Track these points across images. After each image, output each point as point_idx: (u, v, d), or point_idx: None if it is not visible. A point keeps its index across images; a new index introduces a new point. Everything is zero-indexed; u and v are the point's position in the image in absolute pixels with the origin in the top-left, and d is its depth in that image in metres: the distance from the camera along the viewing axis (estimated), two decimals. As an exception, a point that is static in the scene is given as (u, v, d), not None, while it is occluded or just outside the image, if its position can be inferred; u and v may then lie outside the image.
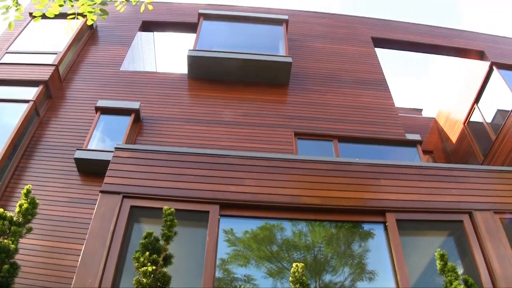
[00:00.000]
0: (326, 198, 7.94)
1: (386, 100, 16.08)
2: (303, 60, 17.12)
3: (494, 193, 9.11)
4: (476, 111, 20.15)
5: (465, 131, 20.75)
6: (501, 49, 20.46)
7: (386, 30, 20.29)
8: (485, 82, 19.59)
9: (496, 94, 19.13)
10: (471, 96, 20.37)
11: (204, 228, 7.31)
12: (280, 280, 7.45)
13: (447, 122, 22.63)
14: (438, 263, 6.23)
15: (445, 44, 20.23)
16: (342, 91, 15.98)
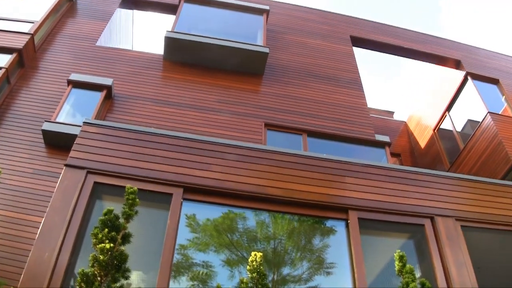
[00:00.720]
0: (291, 191, 7.91)
1: (359, 99, 16.15)
2: (281, 52, 17.10)
3: (457, 200, 9.18)
4: (447, 119, 20.35)
5: (434, 138, 20.95)
6: (477, 60, 20.67)
7: (366, 30, 20.36)
8: (458, 91, 19.78)
9: (469, 104, 19.33)
10: (444, 103, 20.55)
11: (166, 211, 7.21)
12: (238, 269, 7.40)
13: (417, 126, 22.82)
14: (396, 264, 6.25)
15: (423, 50, 20.37)
16: (316, 87, 16.00)
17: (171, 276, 6.61)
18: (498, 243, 9.91)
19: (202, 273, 7.23)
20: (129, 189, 5.85)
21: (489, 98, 19.05)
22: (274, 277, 7.68)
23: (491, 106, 18.35)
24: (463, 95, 19.75)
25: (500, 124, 17.44)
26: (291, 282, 7.68)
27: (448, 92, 20.51)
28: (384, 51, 20.36)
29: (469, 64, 20.22)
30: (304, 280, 7.85)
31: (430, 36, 21.37)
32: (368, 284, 7.44)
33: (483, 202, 9.43)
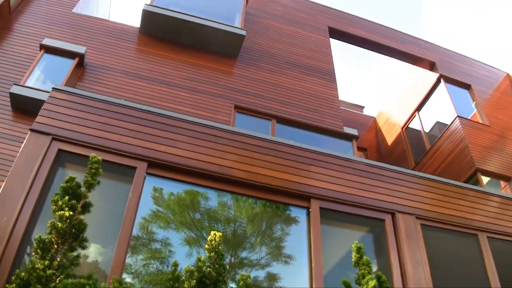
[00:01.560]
0: (255, 174, 7.89)
1: (330, 91, 16.20)
2: (257, 36, 17.04)
3: (419, 199, 9.27)
4: (416, 119, 20.53)
5: (402, 136, 21.13)
6: (452, 64, 20.86)
7: (344, 22, 20.39)
8: (430, 92, 19.95)
9: (439, 106, 19.49)
10: (414, 103, 20.72)
11: (128, 184, 7.14)
12: (197, 249, 7.37)
13: (386, 123, 22.99)
14: (353, 255, 6.27)
15: (400, 48, 20.48)
16: (289, 74, 16.00)
17: (128, 251, 6.55)
18: (455, 245, 10.03)
19: (160, 250, 7.19)
20: (93, 158, 5.77)
21: (460, 103, 19.28)
22: (232, 260, 7.68)
23: (461, 110, 18.56)
24: (434, 97, 19.92)
25: (468, 129, 17.66)
26: (248, 266, 7.68)
27: (420, 92, 20.67)
28: (361, 45, 20.41)
29: (443, 67, 20.39)
30: (262, 265, 7.85)
31: (408, 36, 21.49)
32: (324, 274, 7.48)
33: (444, 203, 9.53)
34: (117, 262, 6.28)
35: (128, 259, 6.55)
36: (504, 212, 10.37)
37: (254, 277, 7.61)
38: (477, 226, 9.63)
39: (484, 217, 9.89)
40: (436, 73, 19.93)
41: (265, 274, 7.82)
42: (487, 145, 17.71)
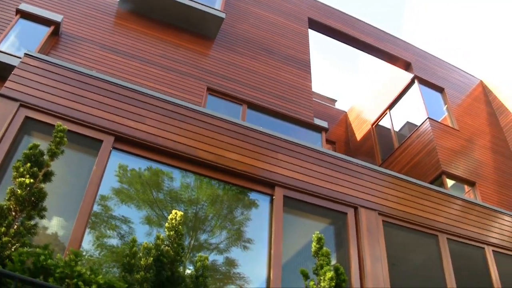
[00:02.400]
0: (222, 157, 7.84)
1: (304, 81, 16.20)
2: (236, 20, 16.94)
3: (383, 195, 9.32)
4: (387, 117, 20.65)
5: (371, 132, 21.25)
6: (427, 66, 20.99)
7: (325, 15, 20.36)
8: (403, 92, 20.08)
9: (411, 106, 19.61)
10: (386, 101, 20.83)
11: (94, 157, 7.05)
12: (157, 229, 7.31)
13: (357, 119, 23.11)
14: (313, 245, 6.27)
15: (378, 46, 20.52)
16: (265, 61, 15.95)
17: (88, 225, 6.48)
18: (415, 244, 10.12)
19: (120, 226, 7.13)
20: (59, 126, 5.67)
21: (432, 105, 19.43)
22: (191, 242, 7.64)
23: (432, 112, 18.70)
24: (407, 97, 20.05)
25: (437, 131, 17.80)
26: (207, 249, 7.65)
27: (393, 91, 20.79)
28: (339, 39, 20.40)
29: (419, 68, 20.51)
30: (221, 249, 7.83)
31: (387, 34, 21.56)
32: (283, 262, 7.49)
33: (408, 201, 9.61)
34: (75, 235, 6.19)
35: (86, 234, 6.47)
36: (465, 215, 10.50)
37: (212, 260, 7.59)
38: (438, 227, 9.72)
39: (445, 219, 9.99)
40: (411, 74, 20.04)
41: (223, 259, 7.80)
42: (455, 149, 17.88)
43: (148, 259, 5.20)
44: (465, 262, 10.32)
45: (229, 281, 7.74)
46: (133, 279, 4.99)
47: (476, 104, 21.55)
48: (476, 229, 10.52)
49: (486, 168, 18.61)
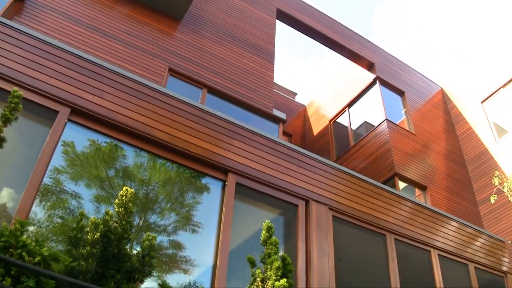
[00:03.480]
0: (177, 139, 7.77)
1: (267, 71, 16.19)
2: (205, 3, 16.79)
3: (335, 191, 9.38)
4: (345, 115, 20.81)
5: (329, 128, 21.40)
6: (390, 68, 21.19)
7: (294, 7, 20.35)
8: (364, 91, 20.24)
9: (370, 106, 19.78)
10: (346, 99, 20.97)
11: (48, 128, 6.90)
12: (107, 206, 7.22)
13: (315, 113, 23.23)
14: (263, 234, 6.26)
15: (343, 43, 20.61)
16: (229, 47, 15.87)
17: (37, 197, 6.35)
18: (363, 241, 10.22)
19: (69, 201, 7.01)
20: (15, 92, 5.55)
21: (391, 107, 19.64)
22: (140, 222, 7.57)
23: (390, 114, 18.89)
24: (367, 97, 20.22)
25: (394, 133, 17.99)
26: (155, 231, 7.59)
27: (354, 89, 20.93)
28: (306, 33, 20.41)
29: (381, 69, 20.69)
30: (169, 232, 7.78)
31: (353, 33, 21.68)
32: (230, 249, 7.48)
33: (359, 199, 9.70)
34: (23, 206, 6.05)
35: (34, 206, 6.35)
36: (414, 217, 10.65)
37: (159, 242, 7.55)
38: (387, 227, 9.84)
39: (394, 219, 10.12)
40: (374, 74, 20.20)
41: (171, 241, 7.76)
42: (410, 152, 18.10)
43: (95, 234, 5.13)
44: (411, 264, 10.46)
45: (175, 264, 7.70)
46: (78, 254, 4.91)
47: (434, 110, 21.85)
48: (424, 232, 10.68)
49: (438, 174, 18.90)
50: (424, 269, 10.73)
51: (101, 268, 5.06)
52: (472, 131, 21.18)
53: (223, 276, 7.13)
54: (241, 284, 6.26)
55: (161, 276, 6.97)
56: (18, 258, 4.31)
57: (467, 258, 11.54)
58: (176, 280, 7.51)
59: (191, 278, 7.52)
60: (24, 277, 4.17)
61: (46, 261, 4.47)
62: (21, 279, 4.15)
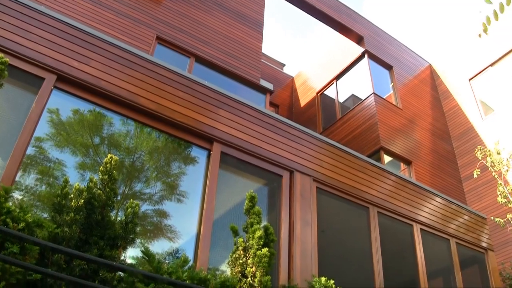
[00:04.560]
0: (163, 107, 7.76)
1: (255, 41, 16.13)
2: (195, -30, 16.67)
3: (320, 162, 9.43)
4: (333, 87, 20.81)
5: (316, 100, 21.40)
6: (379, 42, 21.13)
7: (284, -22, 20.16)
8: (352, 64, 20.23)
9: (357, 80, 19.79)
10: (334, 71, 20.94)
11: (33, 95, 6.85)
12: (92, 174, 7.21)
13: (303, 85, 23.22)
14: (246, 203, 6.31)
15: (333, 16, 20.47)
16: (218, 16, 15.76)
17: (21, 165, 6.34)
18: (346, 213, 10.30)
19: (54, 169, 7.01)
20: (1, 58, 5.52)
21: (378, 81, 19.64)
22: (125, 190, 7.59)
23: (377, 88, 18.90)
24: (355, 70, 20.20)
25: (380, 107, 18.03)
26: (141, 199, 7.61)
27: (342, 62, 20.89)
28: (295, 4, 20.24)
29: (370, 43, 20.63)
30: (154, 200, 7.81)
31: (343, 6, 21.53)
32: (215, 219, 7.53)
33: (344, 171, 9.75)
34: (8, 173, 6.04)
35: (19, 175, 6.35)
36: (397, 191, 10.73)
37: (144, 211, 7.59)
38: (370, 200, 9.92)
39: (378, 192, 10.19)
40: (362, 48, 20.15)
41: (156, 209, 7.79)
42: (396, 126, 18.16)
43: (79, 201, 5.15)
44: (393, 237, 10.57)
45: (159, 233, 7.73)
46: (62, 220, 4.94)
47: (422, 86, 21.88)
48: (407, 206, 10.77)
49: (423, 149, 19.00)
50: (406, 243, 10.85)
51: (85, 234, 5.09)
52: (459, 108, 21.25)
53: (207, 244, 7.18)
54: (226, 253, 6.32)
55: (145, 244, 7.02)
56: (2, 224, 4.32)
57: (449, 233, 11.67)
58: (161, 247, 7.56)
59: (175, 246, 7.57)
60: (8, 243, 4.19)
61: (30, 228, 4.49)
62: (5, 245, 4.17)
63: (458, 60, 22.10)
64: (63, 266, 4.59)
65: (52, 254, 4.53)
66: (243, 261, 5.90)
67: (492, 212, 16.66)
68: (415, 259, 10.58)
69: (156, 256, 5.10)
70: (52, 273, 4.11)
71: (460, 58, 22.01)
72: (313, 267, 8.20)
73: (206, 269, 6.78)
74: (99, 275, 4.79)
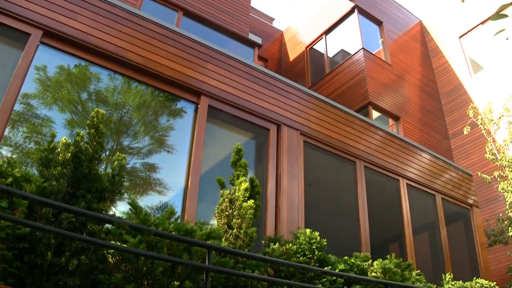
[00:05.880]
0: (151, 61, 7.73)
1: (243, -6, 16.00)
2: None
3: (307, 116, 9.46)
4: (322, 42, 20.70)
5: (305, 55, 21.31)
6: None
7: None
8: (342, 19, 20.07)
9: (347, 35, 19.69)
10: (324, 26, 20.81)
11: (20, 51, 6.77)
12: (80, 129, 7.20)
13: (292, 39, 23.10)
14: (232, 156, 6.36)
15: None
16: (206, -32, 15.60)
17: (9, 122, 6.33)
18: (333, 167, 10.39)
19: (42, 125, 7.01)
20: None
21: (368, 37, 19.54)
22: (113, 145, 7.62)
23: (367, 44, 18.83)
24: (345, 25, 20.07)
25: (369, 62, 17.99)
26: (129, 154, 7.65)
27: (332, 17, 20.74)
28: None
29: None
30: (142, 154, 7.85)
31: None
32: (202, 172, 7.58)
33: (331, 126, 9.80)
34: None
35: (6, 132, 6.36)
36: (385, 146, 10.81)
37: (133, 165, 7.63)
38: (357, 154, 10.00)
39: (365, 147, 10.27)
40: (352, 3, 20.00)
41: (145, 164, 7.84)
42: (385, 82, 18.16)
43: (66, 154, 5.16)
44: (379, 191, 10.69)
45: (148, 187, 7.79)
46: (50, 174, 4.96)
47: (411, 42, 21.82)
48: (394, 161, 10.87)
49: (412, 105, 19.04)
50: (392, 197, 10.97)
51: (72, 188, 5.12)
52: (448, 65, 21.25)
53: (194, 197, 7.25)
54: (214, 207, 6.37)
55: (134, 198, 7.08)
56: (-10, 180, 4.35)
57: (435, 189, 11.81)
58: (151, 202, 7.63)
59: (164, 199, 7.65)
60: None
61: (18, 182, 4.52)
62: (-6, 200, 4.20)
63: (448, 17, 22.00)
64: (52, 220, 4.63)
65: (40, 208, 4.57)
66: (229, 213, 5.98)
67: (478, 170, 16.80)
68: (401, 214, 10.72)
69: (143, 209, 5.15)
70: (41, 226, 4.15)
71: (450, 16, 21.91)
72: (300, 220, 8.32)
73: (194, 221, 6.85)
74: (87, 227, 4.84)
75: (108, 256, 4.86)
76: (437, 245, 11.60)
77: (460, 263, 12.30)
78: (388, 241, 12.06)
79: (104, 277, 4.56)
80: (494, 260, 15.62)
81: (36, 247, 4.34)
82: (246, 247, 5.69)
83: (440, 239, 11.51)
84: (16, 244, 4.24)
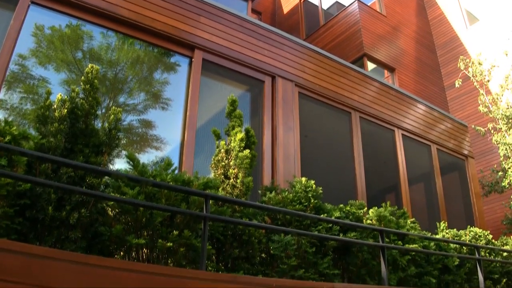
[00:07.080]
0: (143, 17, 7.69)
1: None
2: None
3: (302, 68, 9.46)
4: (316, -6, 20.50)
5: (299, 7, 21.10)
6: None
7: None
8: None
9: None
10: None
11: (11, 12, 6.70)
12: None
13: (285, -8, 22.89)
14: (227, 107, 6.38)
15: None
16: None
17: (4, 83, 6.34)
18: (328, 118, 10.43)
19: (38, 86, 7.02)
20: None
21: (363, -12, 19.38)
22: (109, 103, 7.64)
23: (362, -5, 18.68)
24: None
25: (364, 14, 17.88)
26: (125, 110, 7.67)
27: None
28: None
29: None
30: (139, 110, 7.88)
31: None
32: (198, 124, 7.62)
33: (326, 77, 9.81)
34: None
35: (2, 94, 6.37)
36: (380, 97, 10.84)
37: (130, 121, 7.67)
38: (352, 105, 10.04)
39: (360, 98, 10.30)
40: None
41: (141, 120, 7.87)
42: (380, 34, 18.07)
43: (62, 111, 5.18)
44: (375, 141, 10.75)
45: (145, 143, 7.85)
46: (47, 131, 4.99)
47: (407, -7, 21.64)
48: (389, 112, 10.91)
49: (407, 57, 18.98)
50: (388, 148, 11.05)
51: (70, 143, 5.14)
52: (444, 16, 21.12)
53: (191, 150, 7.30)
54: (210, 160, 6.41)
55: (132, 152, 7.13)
56: (-12, 139, 4.37)
57: (430, 139, 11.89)
58: (148, 158, 7.70)
59: (162, 154, 7.71)
60: (-4, 157, 4.25)
61: (16, 140, 4.54)
62: (-7, 159, 4.23)
63: (444, -33, 21.79)
64: (51, 175, 4.67)
65: (39, 164, 4.60)
66: (225, 163, 6.02)
67: (474, 121, 16.87)
68: (396, 164, 10.81)
69: (140, 161, 5.19)
70: (41, 181, 4.20)
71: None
72: (296, 171, 8.40)
73: (191, 174, 6.90)
74: (86, 181, 4.89)
75: (108, 209, 4.92)
76: (433, 195, 11.73)
77: (455, 212, 12.43)
78: (384, 191, 12.19)
79: (105, 229, 4.61)
80: (490, 211, 15.81)
81: (37, 203, 4.39)
82: (243, 197, 5.75)
83: (435, 189, 11.63)
84: (17, 200, 4.28)
